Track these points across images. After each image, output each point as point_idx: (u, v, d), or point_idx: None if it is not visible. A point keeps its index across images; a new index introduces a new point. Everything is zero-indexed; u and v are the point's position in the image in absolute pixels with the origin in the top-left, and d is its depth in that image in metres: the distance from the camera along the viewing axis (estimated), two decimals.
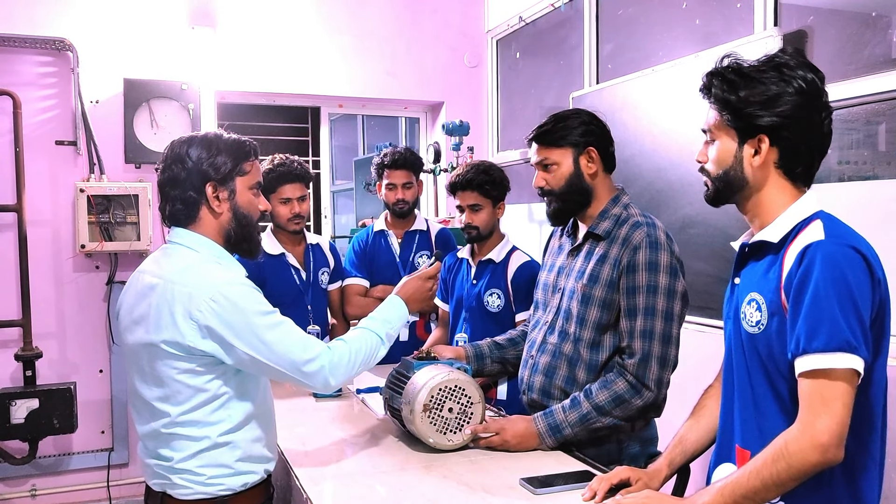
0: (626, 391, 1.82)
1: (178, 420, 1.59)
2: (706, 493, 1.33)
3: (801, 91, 1.31)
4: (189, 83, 3.80)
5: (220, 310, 1.54)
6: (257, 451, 1.67)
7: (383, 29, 4.33)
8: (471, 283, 2.72)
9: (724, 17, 2.85)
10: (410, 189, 3.07)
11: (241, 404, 1.63)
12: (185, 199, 1.64)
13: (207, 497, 1.61)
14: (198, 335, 1.54)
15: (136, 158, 3.74)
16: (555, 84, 4.00)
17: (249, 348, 1.56)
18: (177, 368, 1.57)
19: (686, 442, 1.60)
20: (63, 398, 3.48)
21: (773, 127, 1.32)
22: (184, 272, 1.59)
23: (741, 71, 1.36)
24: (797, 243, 1.29)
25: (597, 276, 1.90)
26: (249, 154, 1.70)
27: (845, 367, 1.20)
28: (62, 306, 3.74)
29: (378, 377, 2.47)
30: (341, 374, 1.68)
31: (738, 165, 1.38)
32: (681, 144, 2.91)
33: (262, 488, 1.71)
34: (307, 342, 1.65)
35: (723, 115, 1.38)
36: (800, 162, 1.35)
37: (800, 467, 1.22)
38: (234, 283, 1.59)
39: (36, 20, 3.61)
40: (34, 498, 3.71)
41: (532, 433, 1.88)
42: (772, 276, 1.32)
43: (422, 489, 1.64)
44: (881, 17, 2.26)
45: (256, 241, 1.75)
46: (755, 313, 1.34)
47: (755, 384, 1.36)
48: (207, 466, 1.60)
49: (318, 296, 2.98)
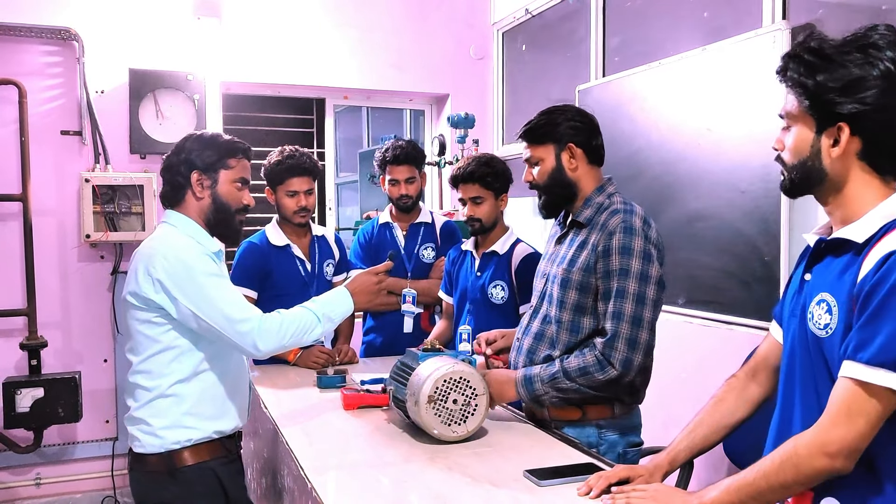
0: (591, 364, 1.88)
1: (137, 368, 1.84)
2: (714, 488, 1.32)
3: (887, 75, 1.18)
4: (194, 74, 3.79)
5: (169, 266, 1.78)
6: (207, 409, 1.85)
7: (389, 20, 4.31)
8: (475, 275, 2.72)
9: (733, 10, 2.84)
10: (414, 184, 3.06)
11: (191, 358, 1.84)
12: (173, 183, 1.93)
13: (159, 452, 1.81)
14: (151, 288, 1.78)
15: (142, 149, 3.73)
16: (561, 77, 3.98)
17: (190, 303, 1.78)
18: (138, 319, 1.82)
19: (695, 437, 1.56)
20: (68, 387, 3.50)
21: (855, 115, 1.21)
22: (156, 240, 1.87)
23: (821, 52, 1.23)
24: (881, 247, 1.18)
25: (575, 260, 1.96)
26: (237, 153, 1.95)
27: (885, 386, 1.14)
28: (67, 296, 3.75)
29: (382, 369, 2.47)
30: (271, 342, 1.84)
31: (815, 156, 1.27)
32: (688, 138, 2.90)
33: (212, 447, 1.87)
34: (243, 306, 1.85)
35: (800, 101, 1.26)
36: (885, 153, 1.24)
37: (807, 472, 1.20)
38: (190, 248, 1.84)
39: (41, 9, 3.60)
40: (39, 486, 3.73)
41: (510, 380, 1.99)
42: (847, 279, 1.22)
43: (426, 480, 1.64)
44: (891, 11, 2.24)
45: (234, 229, 1.99)
46: (824, 315, 1.25)
47: (821, 389, 1.26)
48: (156, 417, 1.82)
49: (323, 287, 2.97)
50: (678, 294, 2.87)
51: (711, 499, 1.30)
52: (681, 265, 2.82)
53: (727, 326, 2.71)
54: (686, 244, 2.87)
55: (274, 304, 2.23)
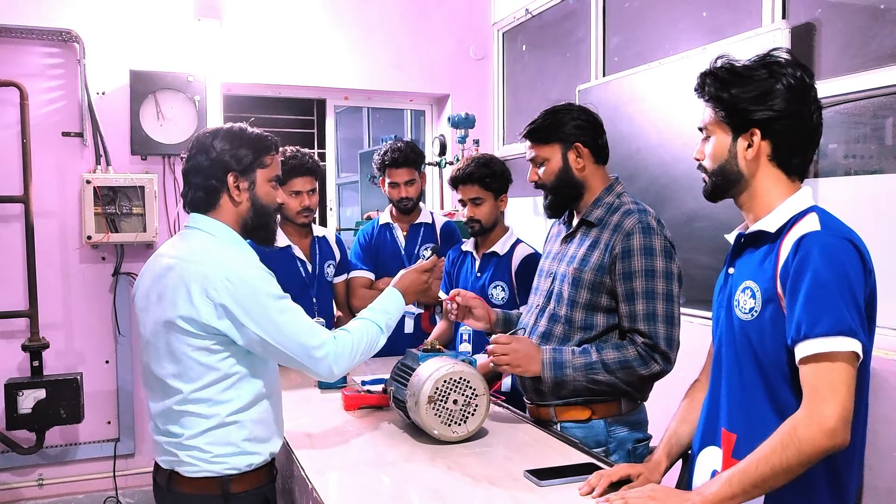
0: (633, 359, 1.88)
1: (190, 397, 1.64)
2: (714, 482, 1.33)
3: (790, 87, 1.37)
4: (195, 75, 3.79)
5: (234, 290, 1.60)
6: (264, 433, 1.72)
7: (389, 21, 4.32)
8: (475, 276, 2.72)
9: (732, 10, 2.84)
10: (413, 185, 3.06)
11: (251, 385, 1.69)
12: (206, 187, 1.71)
13: (213, 476, 1.66)
14: (213, 313, 1.60)
15: (143, 150, 3.74)
16: (561, 77, 3.98)
17: (259, 329, 1.62)
18: (191, 346, 1.62)
19: (681, 434, 1.63)
20: (70, 388, 3.50)
21: (765, 120, 1.38)
22: (200, 253, 1.66)
23: (733, 70, 1.42)
24: (793, 233, 1.33)
25: (587, 259, 1.96)
26: (270, 148, 1.77)
27: (848, 350, 1.24)
28: (69, 297, 3.75)
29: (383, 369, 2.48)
30: (344, 363, 1.74)
31: (732, 159, 1.43)
32: (687, 138, 2.90)
33: (266, 470, 1.76)
34: (315, 329, 1.71)
35: (717, 112, 1.44)
36: (792, 154, 1.41)
37: (810, 453, 1.24)
38: (248, 265, 1.67)
39: (42, 11, 3.61)
40: (41, 487, 3.73)
41: (536, 357, 1.94)
42: (768, 265, 1.36)
43: (426, 480, 1.65)
44: (889, 10, 2.24)
45: (272, 230, 1.83)
46: (749, 300, 1.38)
47: (744, 370, 1.40)
48: (215, 444, 1.66)
49: (324, 288, 2.99)
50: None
51: (713, 493, 1.31)
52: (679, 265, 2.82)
53: None
54: (684, 244, 2.87)
55: None
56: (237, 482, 1.68)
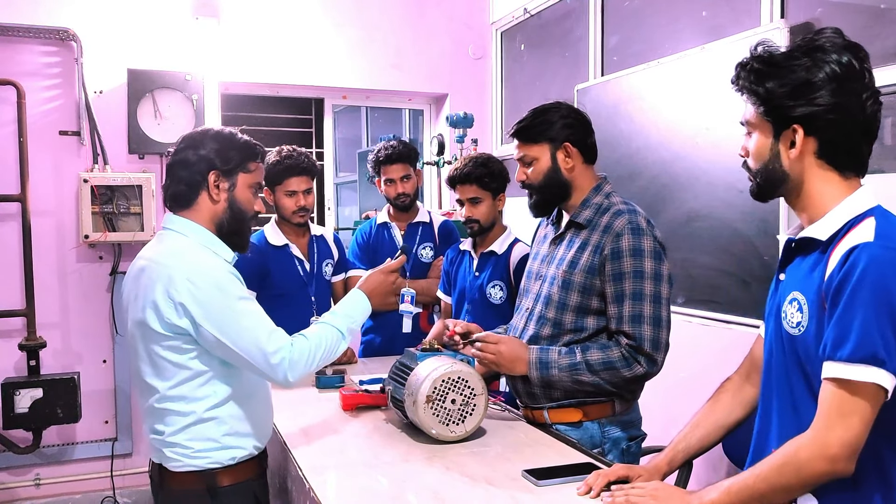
0: (617, 360, 1.87)
1: (167, 395, 1.69)
2: (714, 489, 1.31)
3: (834, 76, 1.23)
4: (193, 74, 3.78)
5: (195, 290, 1.63)
6: (244, 428, 1.75)
7: (388, 20, 4.31)
8: (473, 275, 2.71)
9: (731, 9, 2.83)
10: (409, 181, 3.07)
11: (224, 382, 1.72)
12: (189, 182, 1.74)
13: (196, 470, 1.71)
14: (174, 313, 1.63)
15: (140, 149, 3.73)
16: (559, 76, 3.98)
17: (216, 330, 1.64)
18: (162, 345, 1.67)
19: (691, 439, 1.57)
20: (67, 388, 3.49)
21: (807, 116, 1.25)
22: (170, 255, 1.69)
23: (770, 59, 1.28)
24: (845, 243, 1.21)
25: (577, 262, 1.94)
26: (256, 156, 1.81)
27: (869, 382, 1.15)
28: (66, 296, 3.74)
29: (381, 369, 2.47)
30: (299, 370, 1.73)
31: (775, 159, 1.31)
32: (686, 137, 2.90)
33: (252, 464, 1.79)
34: (274, 334, 1.70)
35: (756, 108, 1.31)
36: (841, 150, 1.27)
37: (808, 476, 1.20)
38: (214, 267, 1.69)
39: (40, 10, 3.60)
40: (38, 487, 3.72)
41: (522, 358, 1.94)
42: (815, 276, 1.25)
43: (424, 480, 1.64)
44: (890, 10, 2.24)
45: (247, 237, 1.86)
46: (796, 314, 1.28)
47: (794, 387, 1.30)
48: (195, 440, 1.70)
49: (322, 287, 2.98)
50: (677, 294, 2.87)
51: (711, 499, 1.29)
52: (679, 265, 2.82)
53: (726, 326, 2.71)
54: (684, 244, 2.87)
55: (272, 303, 2.24)
56: (222, 476, 1.72)
